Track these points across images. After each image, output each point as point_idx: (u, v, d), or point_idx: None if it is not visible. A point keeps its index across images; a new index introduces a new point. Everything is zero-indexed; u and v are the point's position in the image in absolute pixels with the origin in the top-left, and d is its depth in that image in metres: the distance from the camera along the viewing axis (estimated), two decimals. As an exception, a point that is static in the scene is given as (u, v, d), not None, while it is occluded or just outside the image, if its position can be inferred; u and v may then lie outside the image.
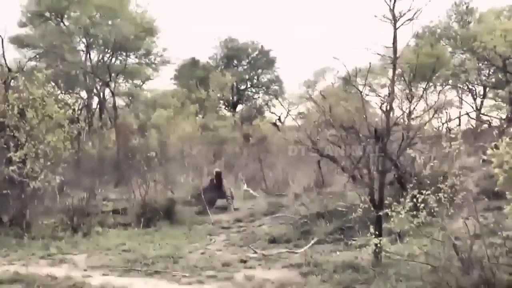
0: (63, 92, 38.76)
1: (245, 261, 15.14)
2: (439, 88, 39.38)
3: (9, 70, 22.20)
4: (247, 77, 58.67)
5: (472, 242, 10.89)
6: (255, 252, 15.96)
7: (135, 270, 14.42)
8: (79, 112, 38.11)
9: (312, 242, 16.74)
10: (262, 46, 58.35)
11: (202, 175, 26.62)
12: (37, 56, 45.66)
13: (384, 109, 14.52)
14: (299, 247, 16.38)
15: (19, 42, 45.67)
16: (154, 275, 13.95)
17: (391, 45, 14.49)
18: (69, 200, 21.43)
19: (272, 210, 23.22)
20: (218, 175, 26.07)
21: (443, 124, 24.53)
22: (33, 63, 42.45)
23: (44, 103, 20.40)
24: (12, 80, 21.68)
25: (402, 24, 14.47)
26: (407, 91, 21.44)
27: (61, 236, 18.95)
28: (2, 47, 22.86)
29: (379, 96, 15.68)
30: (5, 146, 19.93)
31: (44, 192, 20.89)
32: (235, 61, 58.43)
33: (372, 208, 13.60)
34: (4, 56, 22.87)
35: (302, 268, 13.86)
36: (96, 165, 29.67)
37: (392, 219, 11.84)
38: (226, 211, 25.20)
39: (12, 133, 20.01)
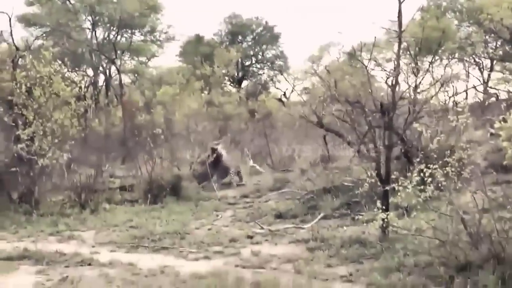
0: (69, 70, 38.62)
1: (251, 237, 15.11)
2: (445, 61, 38.87)
3: (17, 48, 22.07)
4: (251, 53, 58.42)
5: (480, 216, 10.73)
6: (262, 228, 15.89)
7: (142, 246, 14.45)
8: (85, 89, 38.25)
9: (319, 217, 16.63)
10: (266, 22, 58.05)
11: (208, 151, 26.40)
12: (44, 34, 45.40)
13: (390, 83, 14.39)
14: (306, 223, 16.29)
15: (26, 20, 45.47)
16: (161, 251, 13.96)
17: (396, 19, 14.31)
18: (76, 177, 21.43)
19: (278, 186, 23.14)
20: (214, 151, 25.71)
21: (449, 97, 24.31)
22: (40, 41, 42.18)
23: (51, 81, 20.37)
24: (20, 59, 21.59)
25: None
26: (413, 65, 21.19)
27: (69, 213, 19.07)
28: (10, 26, 22.66)
29: (385, 70, 15.50)
30: (14, 124, 20.02)
31: (52, 169, 20.98)
32: (240, 37, 58.14)
33: (378, 183, 13.49)
34: (11, 35, 22.72)
35: (309, 243, 13.82)
36: (102, 142, 29.48)
37: (399, 194, 11.71)
38: (230, 187, 25.08)
39: (20, 111, 19.98)
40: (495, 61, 42.81)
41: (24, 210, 19.08)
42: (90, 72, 47.25)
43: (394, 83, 14.28)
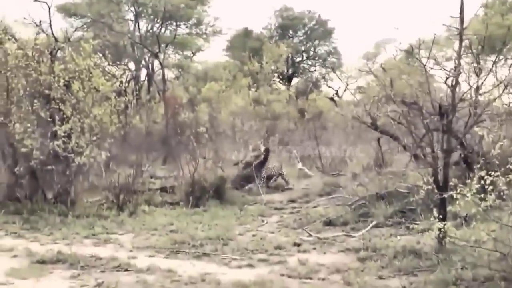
0: (110, 63, 39.10)
1: (298, 244, 15.02)
2: (510, 61, 38.30)
3: (56, 40, 22.16)
4: (303, 48, 58.45)
5: (545, 228, 10.59)
6: (310, 235, 15.88)
7: (183, 251, 14.42)
8: (126, 84, 38.60)
9: (371, 225, 16.53)
10: (319, 16, 58.07)
11: (255, 152, 26.41)
12: (84, 25, 46.04)
13: (450, 83, 14.25)
14: (357, 231, 16.21)
15: (66, 11, 46.09)
16: (202, 257, 13.93)
17: (458, 15, 14.19)
18: (115, 177, 21.48)
19: (328, 191, 23.12)
20: (266, 151, 25.69)
21: (514, 100, 23.92)
22: (80, 33, 42.74)
23: (90, 75, 20.46)
24: (59, 51, 21.71)
25: (470, -7, 14.18)
26: (475, 64, 20.86)
27: (106, 215, 19.04)
28: (49, 16, 22.79)
29: (444, 69, 15.25)
30: (51, 119, 19.99)
31: (90, 168, 21.06)
32: (291, 32, 58.22)
33: (435, 190, 13.35)
34: (50, 26, 22.82)
35: (359, 253, 13.70)
36: (143, 140, 29.70)
37: (457, 202, 11.55)
38: (276, 191, 25.10)
39: (57, 106, 20.02)
40: None
41: (59, 211, 19.08)
42: (131, 66, 47.73)
43: (454, 83, 14.16)
